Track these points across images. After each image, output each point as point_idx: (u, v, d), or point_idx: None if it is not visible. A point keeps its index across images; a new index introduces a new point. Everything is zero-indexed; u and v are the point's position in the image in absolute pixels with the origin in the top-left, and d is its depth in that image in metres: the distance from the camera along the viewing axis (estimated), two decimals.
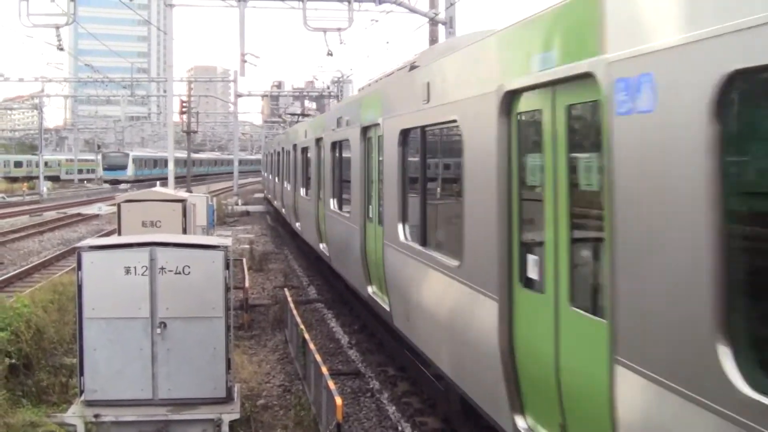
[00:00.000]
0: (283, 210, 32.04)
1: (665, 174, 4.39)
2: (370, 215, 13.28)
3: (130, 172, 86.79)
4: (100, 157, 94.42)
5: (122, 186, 75.11)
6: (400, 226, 10.92)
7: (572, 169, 5.84)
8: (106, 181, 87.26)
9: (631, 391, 4.74)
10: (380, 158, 12.27)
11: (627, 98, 4.78)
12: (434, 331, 9.26)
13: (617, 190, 4.92)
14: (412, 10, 26.61)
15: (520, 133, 6.74)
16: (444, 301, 8.83)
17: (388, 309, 11.73)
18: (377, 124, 12.37)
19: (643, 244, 4.62)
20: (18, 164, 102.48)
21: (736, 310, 3.96)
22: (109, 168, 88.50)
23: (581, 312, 5.58)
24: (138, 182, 79.20)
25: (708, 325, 4.00)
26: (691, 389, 4.14)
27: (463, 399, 8.56)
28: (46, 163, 77.47)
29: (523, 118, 6.70)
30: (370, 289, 13.30)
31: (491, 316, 7.10)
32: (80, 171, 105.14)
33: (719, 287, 3.95)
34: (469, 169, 7.89)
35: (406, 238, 10.73)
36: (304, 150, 23.29)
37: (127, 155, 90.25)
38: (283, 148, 32.40)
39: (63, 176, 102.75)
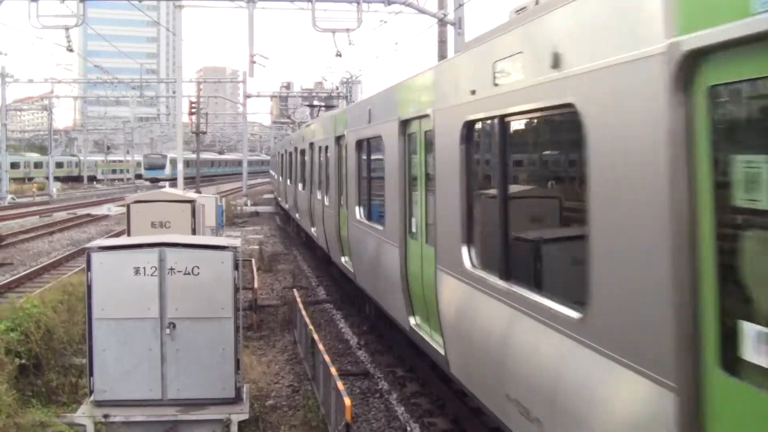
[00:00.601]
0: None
1: None
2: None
3: (167, 171, 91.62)
4: (142, 157, 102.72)
5: (161, 183, 78.49)
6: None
7: None
8: (147, 179, 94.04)
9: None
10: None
11: None
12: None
13: None
14: (421, 11, 26.58)
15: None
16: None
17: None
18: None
19: None
20: (38, 165, 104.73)
21: None
22: (149, 167, 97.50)
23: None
24: (174, 180, 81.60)
25: None
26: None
27: None
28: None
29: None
30: (412, 321, 11.06)
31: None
32: (113, 171, 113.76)
33: None
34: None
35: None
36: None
37: (165, 156, 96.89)
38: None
39: (99, 176, 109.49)
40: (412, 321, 10.96)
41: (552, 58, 5.78)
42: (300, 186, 27.87)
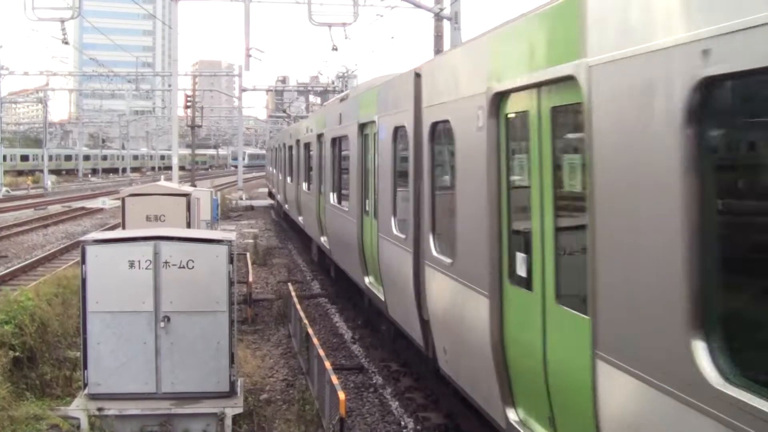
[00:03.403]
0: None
1: None
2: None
3: (247, 160, 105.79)
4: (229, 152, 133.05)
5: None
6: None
7: None
8: (232, 165, 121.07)
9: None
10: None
11: None
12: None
13: None
14: (417, 6, 26.55)
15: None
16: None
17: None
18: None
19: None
20: (68, 158, 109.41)
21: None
22: (233, 158, 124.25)
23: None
24: (249, 166, 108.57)
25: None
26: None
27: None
28: (135, 157, 79.35)
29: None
30: (366, 280, 13.65)
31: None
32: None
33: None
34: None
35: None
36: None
37: (245, 150, 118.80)
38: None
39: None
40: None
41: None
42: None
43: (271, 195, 50.05)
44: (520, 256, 6.49)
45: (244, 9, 30.53)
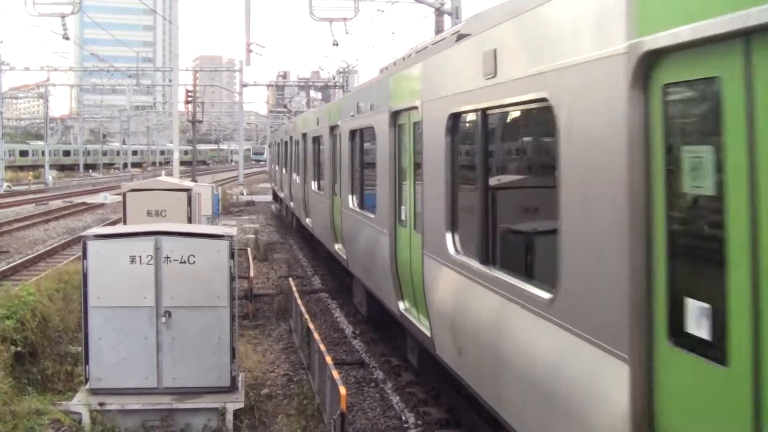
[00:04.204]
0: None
1: None
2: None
3: (266, 155, 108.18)
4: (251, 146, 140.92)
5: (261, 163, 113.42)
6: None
7: None
8: (254, 159, 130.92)
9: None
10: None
11: None
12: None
13: None
14: (418, 1, 26.52)
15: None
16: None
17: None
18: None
19: None
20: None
21: None
22: (255, 153, 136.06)
23: None
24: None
25: None
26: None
27: None
28: (185, 152, 79.85)
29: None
30: (401, 306, 11.19)
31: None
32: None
33: None
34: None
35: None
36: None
37: (264, 147, 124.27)
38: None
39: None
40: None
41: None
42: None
43: (275, 198, 44.24)
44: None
45: (245, 4, 30.57)
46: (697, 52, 4.07)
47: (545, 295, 5.83)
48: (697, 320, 4.09)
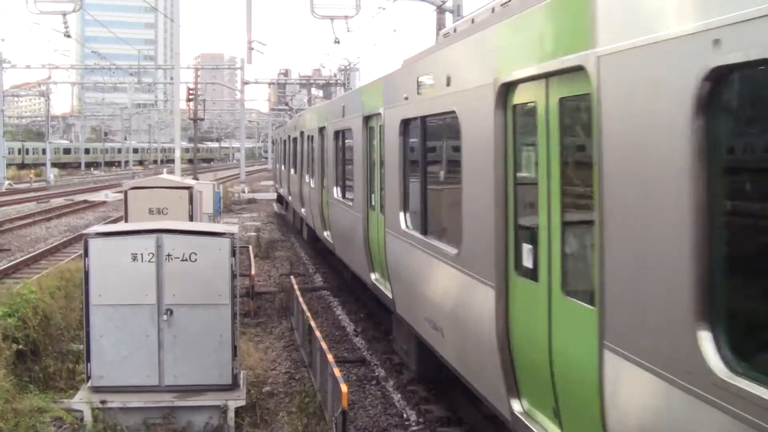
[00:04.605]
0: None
1: None
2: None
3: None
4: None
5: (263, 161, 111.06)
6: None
7: None
8: None
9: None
10: None
11: None
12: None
13: None
14: None
15: None
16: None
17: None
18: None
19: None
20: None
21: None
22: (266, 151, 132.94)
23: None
24: None
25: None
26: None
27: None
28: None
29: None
30: (373, 276, 13.19)
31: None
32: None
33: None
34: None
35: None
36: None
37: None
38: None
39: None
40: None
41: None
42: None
43: (280, 201, 39.51)
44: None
45: (246, 2, 30.49)
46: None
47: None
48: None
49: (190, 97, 55.67)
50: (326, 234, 18.64)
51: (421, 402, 11.15)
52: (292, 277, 17.84)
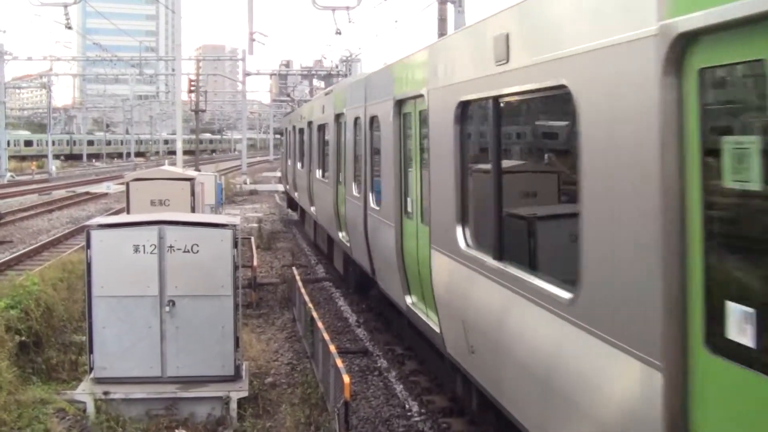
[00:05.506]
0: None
1: None
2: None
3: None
4: None
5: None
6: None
7: None
8: None
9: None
10: None
11: None
12: None
13: None
14: None
15: None
16: None
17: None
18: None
19: None
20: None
21: None
22: None
23: None
24: None
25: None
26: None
27: None
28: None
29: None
30: (408, 300, 10.88)
31: None
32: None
33: None
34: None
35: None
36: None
37: None
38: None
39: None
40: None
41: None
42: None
43: (290, 204, 34.46)
44: None
45: None
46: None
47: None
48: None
49: (192, 88, 55.61)
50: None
51: (423, 393, 11.16)
52: (294, 268, 17.83)
